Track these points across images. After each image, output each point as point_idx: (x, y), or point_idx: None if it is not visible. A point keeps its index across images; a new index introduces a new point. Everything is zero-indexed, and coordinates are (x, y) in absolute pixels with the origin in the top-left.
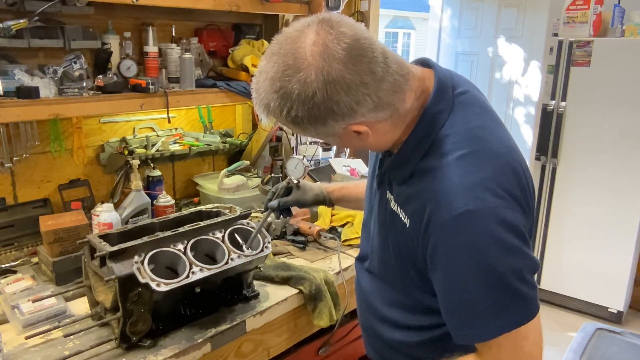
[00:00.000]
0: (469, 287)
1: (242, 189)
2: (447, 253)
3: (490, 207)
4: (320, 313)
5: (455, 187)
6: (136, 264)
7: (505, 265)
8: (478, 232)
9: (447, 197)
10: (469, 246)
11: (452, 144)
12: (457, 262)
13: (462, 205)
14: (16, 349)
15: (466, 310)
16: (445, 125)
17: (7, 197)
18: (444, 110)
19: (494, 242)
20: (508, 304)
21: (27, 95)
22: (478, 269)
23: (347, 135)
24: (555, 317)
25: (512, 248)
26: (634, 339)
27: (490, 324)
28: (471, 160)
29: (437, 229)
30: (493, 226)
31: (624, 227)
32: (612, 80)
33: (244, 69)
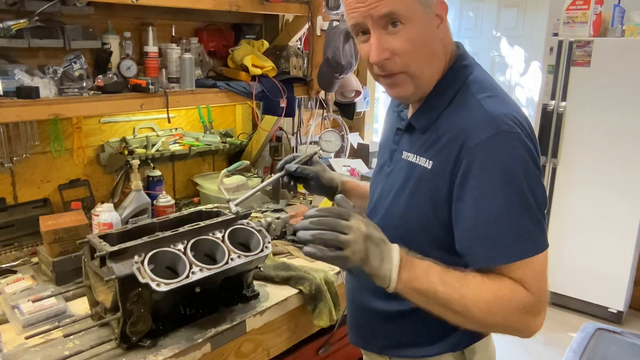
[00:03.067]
0: (499, 206)
1: (242, 189)
2: (480, 172)
3: (518, 134)
4: (320, 313)
5: (487, 114)
6: (136, 264)
7: (532, 188)
8: (511, 150)
9: (480, 122)
10: (503, 163)
11: (478, 89)
12: (490, 179)
13: (495, 128)
14: (16, 349)
15: (494, 230)
16: (471, 76)
17: (7, 197)
18: (470, 65)
19: (524, 163)
20: (532, 229)
21: (27, 95)
22: (510, 185)
23: (434, 17)
24: (555, 317)
25: (535, 175)
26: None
27: (515, 246)
28: (498, 99)
29: (471, 150)
30: (522, 150)
31: (624, 227)
32: (612, 80)
33: (244, 69)
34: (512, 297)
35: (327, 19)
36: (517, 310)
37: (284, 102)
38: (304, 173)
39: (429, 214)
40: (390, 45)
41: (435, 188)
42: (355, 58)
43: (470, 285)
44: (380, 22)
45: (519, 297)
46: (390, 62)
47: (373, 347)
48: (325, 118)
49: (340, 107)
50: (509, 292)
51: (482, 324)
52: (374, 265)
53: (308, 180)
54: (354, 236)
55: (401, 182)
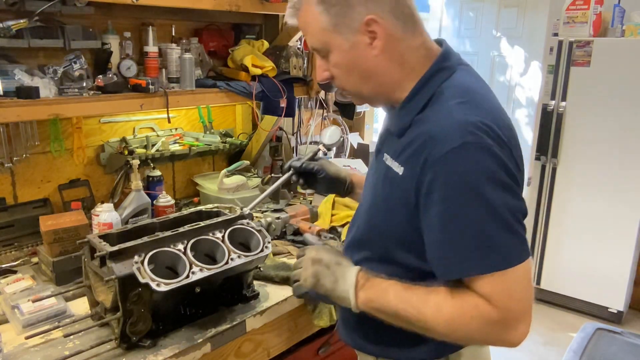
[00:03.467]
0: (467, 218)
1: (242, 189)
2: (444, 185)
3: (486, 144)
4: (320, 313)
5: (454, 124)
6: (136, 264)
7: (500, 199)
8: (474, 164)
9: (445, 132)
10: (466, 177)
11: (452, 95)
12: (455, 193)
13: (459, 139)
14: (16, 349)
15: (460, 243)
16: (447, 81)
17: (7, 197)
18: (448, 68)
19: (489, 175)
20: (502, 242)
21: (27, 95)
22: (476, 199)
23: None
24: (555, 317)
25: (506, 185)
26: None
27: (482, 260)
28: (469, 106)
29: (435, 162)
30: (489, 161)
31: (624, 227)
32: (612, 80)
33: (244, 69)
34: (473, 314)
35: None
36: (481, 327)
37: (284, 102)
38: (309, 167)
39: (401, 219)
40: (327, 69)
41: (406, 195)
42: None
43: (431, 302)
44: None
45: (480, 314)
46: (333, 81)
47: (360, 346)
48: (325, 118)
49: (340, 107)
50: (471, 309)
51: (449, 339)
52: (327, 287)
53: (315, 175)
54: (303, 265)
55: (380, 184)
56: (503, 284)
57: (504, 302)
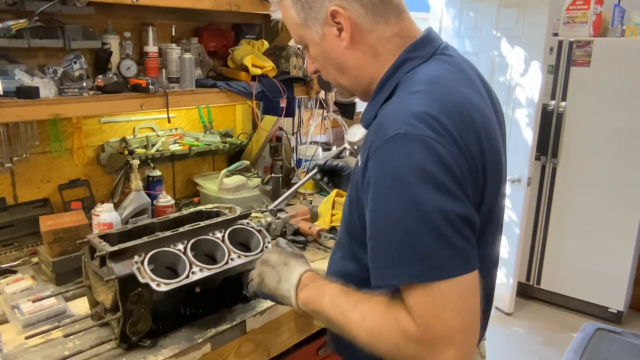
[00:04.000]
0: (391, 219)
1: (242, 189)
2: (375, 179)
3: (423, 136)
4: None
5: (395, 114)
6: (136, 264)
7: (431, 201)
8: (405, 157)
9: (386, 123)
10: (394, 171)
11: (409, 85)
12: (382, 189)
13: (395, 129)
14: (16, 349)
15: (383, 246)
16: (411, 71)
17: (7, 197)
18: (417, 58)
19: (422, 172)
20: (434, 250)
21: (27, 95)
22: (402, 197)
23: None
24: (555, 317)
25: (442, 186)
26: (634, 339)
27: (407, 267)
28: (420, 96)
29: (372, 154)
30: (423, 155)
31: (624, 227)
32: (612, 80)
33: (244, 69)
34: (391, 326)
35: None
36: (399, 341)
37: (284, 102)
38: (333, 164)
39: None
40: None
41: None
42: None
43: (358, 311)
44: None
45: (398, 328)
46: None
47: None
48: (325, 118)
49: (340, 107)
50: (389, 321)
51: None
52: (270, 286)
53: (339, 172)
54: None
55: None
56: (427, 298)
57: (426, 319)
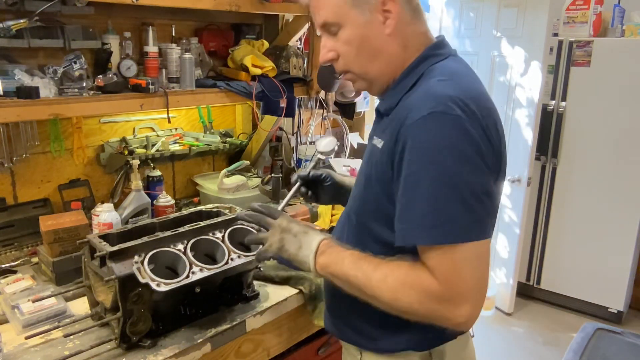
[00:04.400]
0: (423, 185)
1: (242, 189)
2: (409, 151)
3: (455, 115)
4: (320, 313)
5: (429, 94)
6: (136, 264)
7: (459, 172)
8: (439, 132)
9: (419, 103)
10: (428, 143)
11: (436, 74)
12: (416, 159)
13: (429, 108)
14: (16, 349)
15: (416, 210)
16: (437, 64)
17: (7, 197)
18: (438, 55)
19: (453, 146)
20: (458, 216)
21: (27, 95)
22: (434, 167)
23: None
24: (555, 317)
25: (470, 160)
26: (634, 339)
27: (433, 229)
28: (447, 83)
29: (407, 129)
30: (454, 132)
31: (624, 227)
32: (612, 80)
33: (244, 69)
34: (414, 284)
35: None
36: (421, 297)
37: (284, 102)
38: (317, 174)
39: (380, 193)
40: (333, 48)
41: (383, 167)
42: None
43: (379, 270)
44: (323, 30)
45: (422, 285)
46: (337, 63)
47: (345, 337)
48: (325, 118)
49: (340, 107)
50: (412, 278)
51: (395, 310)
52: (290, 252)
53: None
54: (271, 231)
55: (365, 165)
56: (449, 259)
57: (447, 276)
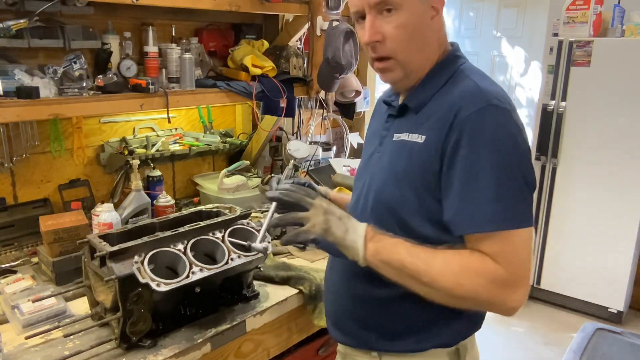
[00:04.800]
0: (486, 175)
1: (242, 189)
2: (470, 142)
3: (508, 110)
4: (321, 313)
5: (479, 89)
6: (136, 264)
7: (516, 161)
8: (499, 124)
9: (472, 97)
10: (489, 134)
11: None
12: (479, 149)
13: (486, 101)
14: (16, 349)
15: (478, 198)
16: (464, 64)
17: (7, 197)
18: (462, 57)
19: (510, 136)
20: (515, 203)
21: (27, 95)
22: (497, 157)
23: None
24: (555, 317)
25: (523, 150)
26: (634, 339)
27: (496, 216)
28: (489, 81)
29: (462, 122)
30: (511, 123)
31: (624, 227)
32: (612, 80)
33: (244, 69)
34: (479, 268)
35: (327, 19)
36: (485, 283)
37: (284, 102)
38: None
39: (421, 187)
40: (382, 29)
41: (428, 161)
42: (355, 58)
43: (439, 257)
44: (375, 8)
45: (487, 270)
46: (381, 45)
47: (360, 341)
48: (325, 118)
49: (340, 107)
50: (477, 264)
51: (453, 296)
52: (337, 235)
53: None
54: (313, 211)
55: (393, 161)
56: (510, 244)
57: (510, 261)
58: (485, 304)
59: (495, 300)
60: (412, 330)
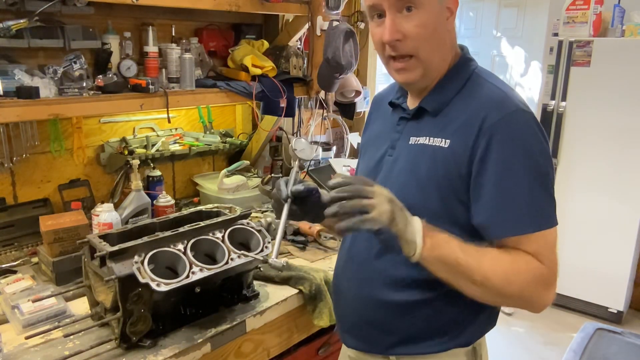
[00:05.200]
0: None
1: (242, 189)
2: (501, 147)
3: (531, 113)
4: (320, 313)
5: (506, 94)
6: (136, 264)
7: (544, 164)
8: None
9: (499, 102)
10: (521, 139)
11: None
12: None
13: (514, 106)
14: (16, 349)
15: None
16: (478, 68)
17: (7, 197)
18: (474, 61)
19: (540, 141)
20: (547, 204)
21: (27, 95)
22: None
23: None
24: (555, 317)
25: (548, 153)
26: (634, 339)
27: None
28: (506, 86)
29: (492, 126)
30: (537, 129)
31: (624, 227)
32: (612, 80)
33: (244, 69)
34: (527, 268)
35: (327, 19)
36: (533, 281)
37: (284, 102)
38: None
39: (446, 191)
40: (403, 28)
41: (454, 166)
42: (355, 58)
43: (488, 255)
44: (395, 5)
45: (533, 268)
46: (402, 44)
47: (378, 347)
48: (325, 118)
49: (340, 107)
50: (524, 264)
51: (500, 294)
52: (400, 227)
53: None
54: (378, 199)
55: (413, 165)
56: (547, 242)
57: (550, 260)
58: (527, 300)
59: (536, 298)
60: (434, 332)
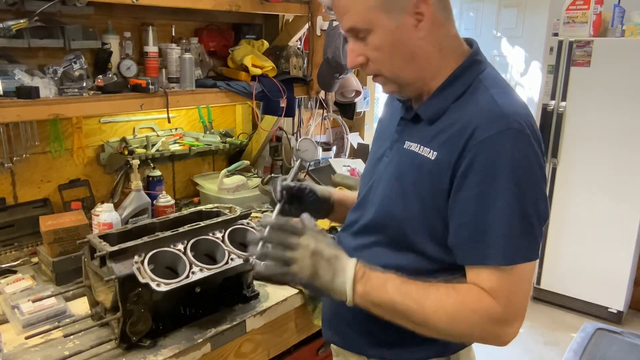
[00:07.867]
0: (499, 208)
1: (242, 189)
2: (484, 168)
3: (527, 135)
4: (320, 313)
5: (499, 109)
6: (136, 264)
7: (530, 194)
8: (517, 151)
9: (491, 116)
10: (509, 162)
11: (491, 85)
12: (494, 177)
13: (506, 124)
14: (16, 349)
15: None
16: (483, 73)
17: (7, 197)
18: (483, 62)
19: (526, 167)
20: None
21: (27, 95)
22: (512, 188)
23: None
24: (555, 317)
25: (539, 181)
26: (634, 339)
27: (505, 250)
28: (507, 96)
29: (478, 144)
30: (528, 150)
31: (624, 227)
32: (612, 80)
33: (244, 69)
34: (475, 307)
35: (327, 19)
36: (481, 322)
37: (284, 102)
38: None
39: (429, 205)
40: (362, 52)
41: (438, 179)
42: None
43: (432, 296)
44: (350, 33)
45: (483, 308)
46: (367, 67)
47: (352, 345)
48: (325, 118)
49: (340, 107)
50: (473, 303)
51: (446, 334)
52: (324, 280)
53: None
54: (301, 252)
55: (401, 172)
56: (510, 279)
57: (508, 297)
58: (478, 339)
59: (489, 336)
60: (405, 341)
